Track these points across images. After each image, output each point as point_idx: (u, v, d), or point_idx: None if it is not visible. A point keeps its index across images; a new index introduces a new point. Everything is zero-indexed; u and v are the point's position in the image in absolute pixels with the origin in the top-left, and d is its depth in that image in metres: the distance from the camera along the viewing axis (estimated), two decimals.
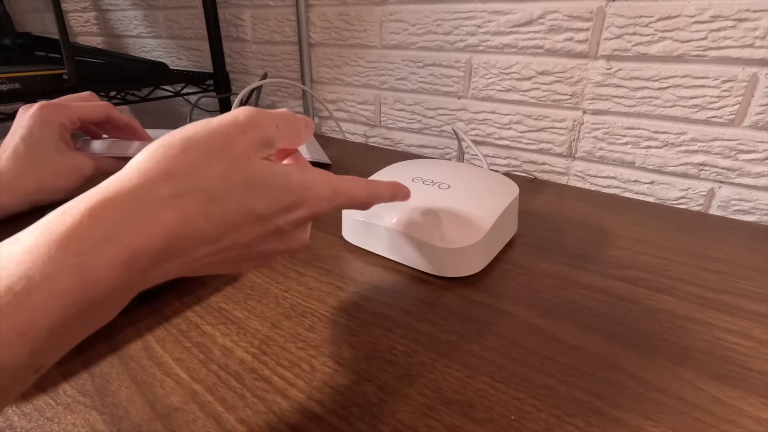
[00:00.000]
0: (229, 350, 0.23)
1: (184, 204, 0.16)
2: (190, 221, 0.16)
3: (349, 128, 0.72)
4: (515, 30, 0.50)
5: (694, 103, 0.43)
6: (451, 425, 0.19)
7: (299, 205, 0.20)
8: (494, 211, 0.31)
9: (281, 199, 0.19)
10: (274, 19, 0.73)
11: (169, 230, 0.16)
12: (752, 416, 0.19)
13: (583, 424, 0.19)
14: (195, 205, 0.17)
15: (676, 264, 0.32)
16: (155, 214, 0.16)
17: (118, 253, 0.15)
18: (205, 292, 0.28)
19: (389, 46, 0.62)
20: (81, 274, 0.14)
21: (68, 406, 0.20)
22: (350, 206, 0.23)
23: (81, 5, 1.05)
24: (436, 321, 0.26)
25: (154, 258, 0.16)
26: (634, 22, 0.43)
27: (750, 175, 0.43)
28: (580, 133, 0.50)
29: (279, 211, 0.19)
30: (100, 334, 0.24)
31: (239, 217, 0.18)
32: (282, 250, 0.21)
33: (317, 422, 0.19)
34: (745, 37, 0.39)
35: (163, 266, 0.16)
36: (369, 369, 0.22)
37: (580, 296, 0.28)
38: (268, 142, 0.19)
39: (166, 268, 0.16)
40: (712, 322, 0.26)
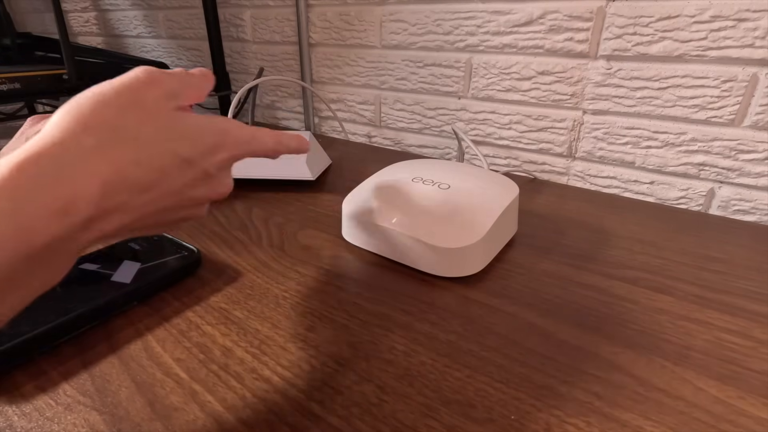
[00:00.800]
0: (229, 350, 0.23)
1: (112, 152, 0.17)
2: (121, 169, 0.17)
3: (349, 128, 0.72)
4: (515, 30, 0.50)
5: (694, 103, 0.43)
6: (451, 425, 0.19)
7: (220, 146, 0.21)
8: (494, 211, 0.31)
9: (202, 142, 0.20)
10: (274, 19, 0.73)
11: (102, 179, 0.16)
12: (752, 416, 0.19)
13: (583, 424, 0.19)
14: (122, 152, 0.17)
15: (676, 264, 0.32)
16: (85, 164, 0.16)
17: (52, 201, 0.15)
18: (205, 292, 0.28)
19: (389, 46, 0.62)
20: (16, 221, 0.14)
21: (68, 406, 0.20)
22: (262, 153, 0.24)
23: (81, 5, 1.05)
24: (436, 321, 0.26)
25: (92, 208, 0.16)
26: (634, 22, 0.43)
27: (750, 175, 0.43)
28: (580, 133, 0.50)
29: (202, 153, 0.20)
30: (100, 334, 0.24)
31: (167, 162, 0.19)
32: (211, 195, 0.22)
33: (317, 422, 0.19)
34: (745, 37, 0.39)
35: (107, 218, 0.17)
36: (369, 369, 0.22)
37: (580, 296, 0.28)
38: (174, 94, 0.20)
39: (110, 220, 0.17)
40: (712, 322, 0.26)
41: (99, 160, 0.16)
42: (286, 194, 0.44)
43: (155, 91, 0.19)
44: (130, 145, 0.17)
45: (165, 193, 0.19)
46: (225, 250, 0.33)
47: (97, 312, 0.25)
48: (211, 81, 0.24)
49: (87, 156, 0.16)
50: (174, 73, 0.21)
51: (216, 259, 0.32)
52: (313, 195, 0.44)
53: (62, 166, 0.15)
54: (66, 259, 0.16)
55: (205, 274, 0.30)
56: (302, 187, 0.46)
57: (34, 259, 0.15)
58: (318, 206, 0.42)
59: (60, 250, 0.15)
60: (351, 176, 0.50)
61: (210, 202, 0.23)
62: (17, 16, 1.22)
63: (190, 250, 0.31)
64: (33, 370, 0.22)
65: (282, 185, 0.46)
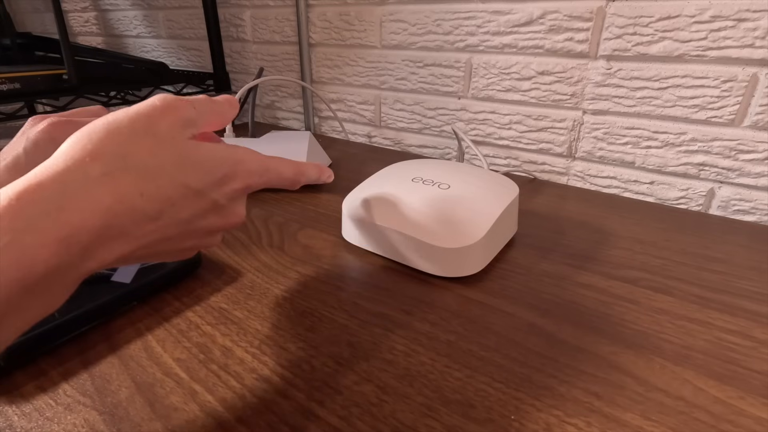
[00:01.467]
0: (229, 350, 0.23)
1: (117, 182, 0.17)
2: (126, 199, 0.17)
3: (349, 128, 0.72)
4: (515, 30, 0.51)
5: (694, 103, 0.43)
6: (451, 425, 0.19)
7: (231, 177, 0.21)
8: (494, 211, 0.31)
9: (213, 173, 0.20)
10: (274, 19, 0.73)
11: (105, 207, 0.16)
12: (752, 416, 0.19)
13: (583, 424, 0.19)
14: (128, 182, 0.17)
15: (676, 264, 0.32)
16: (88, 192, 0.16)
17: (55, 230, 0.15)
18: (205, 292, 0.28)
19: (389, 46, 0.62)
20: (16, 252, 0.14)
21: (68, 406, 0.20)
22: (279, 184, 0.24)
23: (81, 5, 1.05)
24: (436, 321, 0.26)
25: (94, 236, 0.16)
26: (634, 22, 0.43)
27: (750, 175, 0.43)
28: (580, 133, 0.50)
29: (213, 184, 0.20)
30: (100, 334, 0.24)
31: (174, 192, 0.18)
32: (222, 225, 0.22)
33: (317, 422, 0.19)
34: (745, 37, 0.39)
35: (108, 246, 0.17)
36: (369, 369, 0.22)
37: (580, 296, 0.28)
38: (190, 122, 0.20)
39: (111, 248, 0.17)
40: (712, 322, 0.26)
41: (104, 188, 0.16)
42: (286, 194, 0.44)
43: (170, 118, 0.19)
44: (137, 173, 0.17)
45: (171, 222, 0.19)
46: (225, 250, 0.33)
47: (97, 312, 0.25)
48: (235, 107, 0.24)
49: (92, 185, 0.16)
50: (194, 100, 0.21)
51: (216, 259, 0.32)
52: (313, 195, 0.44)
53: (65, 195, 0.15)
54: (66, 287, 0.16)
55: (205, 274, 0.30)
56: (302, 187, 0.46)
57: (34, 288, 0.14)
58: (318, 206, 0.42)
59: (60, 278, 0.15)
60: (351, 176, 0.50)
61: (222, 231, 0.23)
62: (17, 16, 1.22)
63: None
64: (33, 370, 0.22)
65: None
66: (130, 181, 0.17)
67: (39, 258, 0.14)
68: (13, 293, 0.14)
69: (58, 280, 0.15)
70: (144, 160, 0.18)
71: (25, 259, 0.14)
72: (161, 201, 0.18)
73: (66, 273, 0.15)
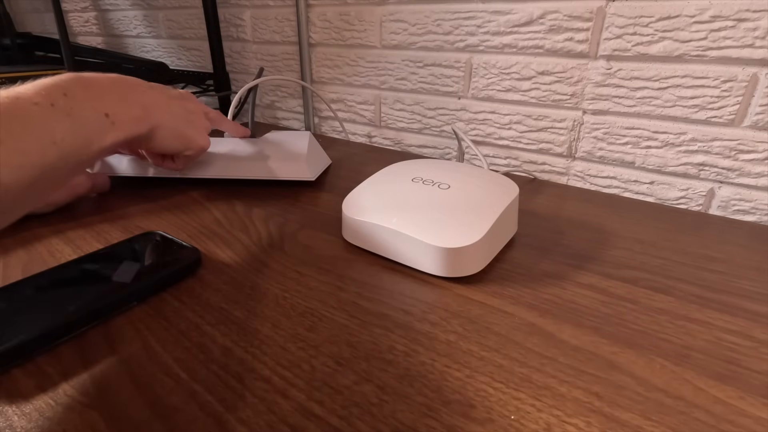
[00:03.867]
0: (229, 350, 0.23)
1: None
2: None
3: (349, 128, 0.72)
4: (515, 30, 0.51)
5: (694, 103, 0.43)
6: (451, 425, 0.19)
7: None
8: (494, 211, 0.31)
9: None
10: (274, 19, 0.73)
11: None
12: (752, 416, 0.19)
13: (583, 424, 0.19)
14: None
15: (676, 264, 0.32)
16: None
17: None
18: (205, 292, 0.28)
19: (389, 46, 0.62)
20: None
21: (68, 406, 0.20)
22: (220, 122, 0.46)
23: (81, 5, 1.05)
24: (436, 321, 0.26)
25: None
26: (634, 22, 0.43)
27: (750, 175, 0.43)
28: (580, 133, 0.50)
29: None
30: (100, 334, 0.24)
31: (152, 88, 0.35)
32: (197, 108, 0.40)
33: (317, 422, 0.19)
34: (745, 37, 0.39)
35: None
36: (369, 369, 0.22)
37: (580, 296, 0.28)
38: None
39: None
40: (712, 322, 0.26)
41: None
42: (285, 194, 0.44)
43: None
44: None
45: (155, 91, 0.34)
46: (225, 250, 0.33)
47: (97, 312, 0.25)
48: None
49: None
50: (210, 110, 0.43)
51: (216, 259, 0.32)
52: (313, 195, 0.44)
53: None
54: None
55: (205, 274, 0.30)
56: (302, 187, 0.46)
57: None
58: (318, 206, 0.42)
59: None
60: (351, 176, 0.50)
61: (202, 116, 0.40)
62: (17, 16, 1.22)
63: (190, 250, 0.31)
64: (33, 370, 0.22)
65: (282, 185, 0.46)
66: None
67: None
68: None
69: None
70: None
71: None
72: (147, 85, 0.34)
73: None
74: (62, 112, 0.24)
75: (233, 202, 0.42)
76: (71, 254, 0.32)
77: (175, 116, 0.36)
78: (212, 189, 0.45)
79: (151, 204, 0.41)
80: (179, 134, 0.36)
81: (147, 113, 0.32)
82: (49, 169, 0.22)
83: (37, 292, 0.26)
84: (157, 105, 0.33)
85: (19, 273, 0.29)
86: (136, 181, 0.46)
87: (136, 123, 0.30)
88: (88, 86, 0.27)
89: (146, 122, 0.32)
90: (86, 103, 0.26)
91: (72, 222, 0.37)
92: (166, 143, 0.36)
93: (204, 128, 0.40)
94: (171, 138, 0.35)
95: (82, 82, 0.26)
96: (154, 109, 0.33)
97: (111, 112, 0.28)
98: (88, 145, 0.26)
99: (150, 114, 0.32)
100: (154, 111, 0.32)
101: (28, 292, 0.26)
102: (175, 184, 0.46)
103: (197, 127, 0.39)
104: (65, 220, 0.37)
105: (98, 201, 0.42)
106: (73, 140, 0.24)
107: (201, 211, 0.40)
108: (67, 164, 0.24)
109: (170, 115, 0.35)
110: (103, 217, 0.38)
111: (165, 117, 0.34)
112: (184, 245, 0.32)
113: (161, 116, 0.33)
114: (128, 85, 0.31)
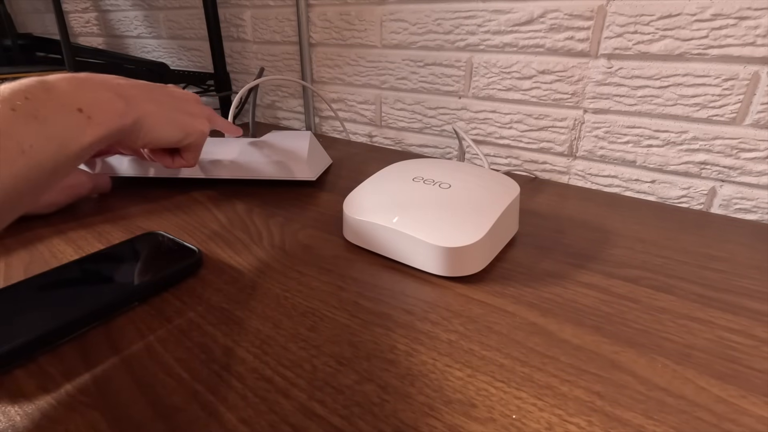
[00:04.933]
0: (231, 350, 0.23)
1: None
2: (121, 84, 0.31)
3: (349, 128, 0.72)
4: (516, 29, 0.50)
5: (695, 102, 0.43)
6: (453, 425, 0.19)
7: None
8: (495, 210, 0.31)
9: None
10: (274, 19, 0.73)
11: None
12: (754, 415, 0.19)
13: (585, 423, 0.19)
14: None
15: (678, 263, 0.32)
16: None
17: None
18: (206, 292, 0.28)
19: (390, 45, 0.62)
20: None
21: (70, 406, 0.20)
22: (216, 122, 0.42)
23: (82, 6, 1.05)
24: (437, 320, 0.26)
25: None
26: (635, 20, 0.43)
27: (751, 173, 0.42)
28: (581, 132, 0.50)
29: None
30: (102, 334, 0.24)
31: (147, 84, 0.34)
32: (190, 97, 0.38)
33: (319, 422, 0.19)
34: (746, 35, 0.39)
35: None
36: (370, 368, 0.22)
37: (582, 295, 0.28)
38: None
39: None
40: (714, 321, 0.26)
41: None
42: (286, 194, 0.44)
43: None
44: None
45: (148, 86, 0.33)
46: (226, 250, 0.33)
47: (99, 312, 0.25)
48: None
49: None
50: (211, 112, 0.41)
51: (217, 259, 0.32)
52: (313, 195, 0.44)
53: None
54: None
55: (207, 274, 0.30)
56: (303, 187, 0.46)
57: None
58: (319, 206, 0.42)
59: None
60: (352, 176, 0.50)
61: (197, 106, 0.38)
62: (18, 16, 1.23)
63: (192, 250, 0.31)
64: (35, 371, 0.22)
65: (282, 185, 0.46)
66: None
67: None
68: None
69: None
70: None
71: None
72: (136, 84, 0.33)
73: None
74: (26, 116, 0.21)
75: (234, 202, 0.42)
76: (73, 254, 0.32)
77: (162, 104, 0.33)
78: (213, 189, 0.45)
79: (152, 204, 0.41)
80: (172, 121, 0.34)
81: (128, 104, 0.29)
82: (23, 180, 0.21)
83: (39, 292, 0.26)
84: (138, 95, 0.31)
85: (21, 273, 0.29)
86: (138, 181, 0.47)
87: (118, 115, 0.28)
88: (53, 86, 0.24)
89: (129, 113, 0.29)
90: (53, 102, 0.24)
91: (73, 222, 0.37)
92: (161, 134, 0.33)
93: (199, 113, 0.38)
94: (164, 126, 0.33)
95: (44, 83, 0.24)
96: (136, 99, 0.30)
97: (84, 107, 0.25)
98: (64, 146, 0.23)
99: (131, 104, 0.30)
100: (135, 101, 0.30)
101: (30, 293, 0.26)
102: (177, 184, 0.46)
103: (191, 113, 0.36)
104: (67, 220, 0.37)
105: (100, 201, 0.42)
106: (45, 145, 0.22)
107: (202, 212, 0.40)
108: (43, 172, 0.22)
109: (155, 103, 0.33)
110: (104, 217, 0.38)
111: (149, 106, 0.32)
112: (185, 245, 0.32)
113: (145, 105, 0.31)
114: (100, 80, 0.29)
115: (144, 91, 0.32)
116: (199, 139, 0.37)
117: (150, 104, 0.32)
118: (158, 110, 0.33)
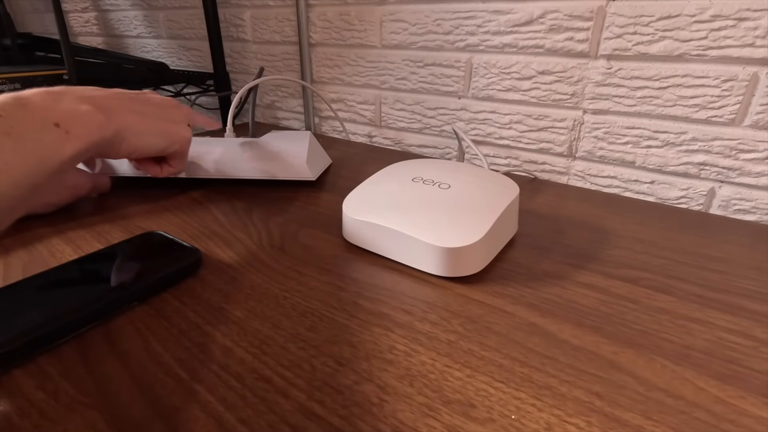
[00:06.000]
0: (230, 350, 0.23)
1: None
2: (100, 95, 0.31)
3: (349, 128, 0.72)
4: (515, 30, 0.50)
5: (694, 103, 0.43)
6: (452, 425, 0.19)
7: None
8: (494, 210, 0.31)
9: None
10: (274, 19, 0.73)
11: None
12: (753, 416, 0.19)
13: (584, 423, 0.19)
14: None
15: (677, 263, 0.32)
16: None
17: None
18: (205, 292, 0.28)
19: (389, 45, 0.62)
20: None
21: (69, 406, 0.20)
22: (193, 118, 0.42)
23: (81, 5, 1.05)
24: (437, 321, 0.26)
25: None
26: (635, 21, 0.43)
27: (750, 174, 0.42)
28: (580, 133, 0.50)
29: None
30: (101, 334, 0.24)
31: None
32: (170, 102, 0.38)
33: (318, 422, 0.19)
34: (745, 36, 0.39)
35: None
36: (369, 369, 0.22)
37: (581, 296, 0.28)
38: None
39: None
40: (713, 322, 0.26)
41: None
42: (286, 194, 0.44)
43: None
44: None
45: (128, 94, 0.34)
46: (225, 250, 0.33)
47: (98, 312, 0.25)
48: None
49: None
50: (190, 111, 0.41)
51: (216, 259, 0.32)
52: (313, 195, 0.44)
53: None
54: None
55: (206, 274, 0.30)
56: (302, 187, 0.46)
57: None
58: (318, 206, 0.42)
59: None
60: (351, 176, 0.50)
61: (179, 111, 0.38)
62: (18, 16, 1.22)
63: (191, 250, 0.31)
64: (34, 370, 0.22)
65: (282, 185, 0.46)
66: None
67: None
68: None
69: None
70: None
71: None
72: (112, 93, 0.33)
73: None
74: (0, 134, 0.21)
75: (234, 202, 0.42)
76: (72, 254, 0.32)
77: (143, 114, 0.33)
78: (213, 189, 0.45)
79: (151, 204, 0.41)
80: (154, 130, 0.34)
81: (107, 116, 0.29)
82: (1, 196, 0.21)
83: (38, 292, 0.26)
84: (117, 105, 0.31)
85: (19, 273, 0.29)
86: (137, 181, 0.47)
87: (97, 128, 0.28)
88: (28, 102, 0.24)
89: (109, 125, 0.29)
90: (28, 118, 0.23)
91: (72, 222, 0.37)
92: (144, 143, 0.33)
93: (181, 119, 0.38)
94: (146, 136, 0.33)
95: (19, 99, 0.24)
96: (115, 110, 0.30)
97: (62, 121, 0.25)
98: (42, 162, 0.23)
99: (111, 116, 0.29)
100: (115, 112, 0.30)
101: (28, 292, 0.26)
102: (176, 184, 0.46)
103: (172, 120, 0.37)
104: (66, 220, 0.37)
105: (99, 201, 0.42)
106: (22, 162, 0.22)
107: (201, 212, 0.40)
108: (21, 190, 0.22)
109: (135, 113, 0.33)
110: (103, 217, 0.38)
111: (130, 116, 0.32)
112: (184, 245, 0.32)
113: (125, 116, 0.31)
114: (77, 92, 0.28)
115: (123, 102, 0.32)
116: (184, 145, 0.38)
117: (130, 115, 0.32)
118: (139, 120, 0.33)
